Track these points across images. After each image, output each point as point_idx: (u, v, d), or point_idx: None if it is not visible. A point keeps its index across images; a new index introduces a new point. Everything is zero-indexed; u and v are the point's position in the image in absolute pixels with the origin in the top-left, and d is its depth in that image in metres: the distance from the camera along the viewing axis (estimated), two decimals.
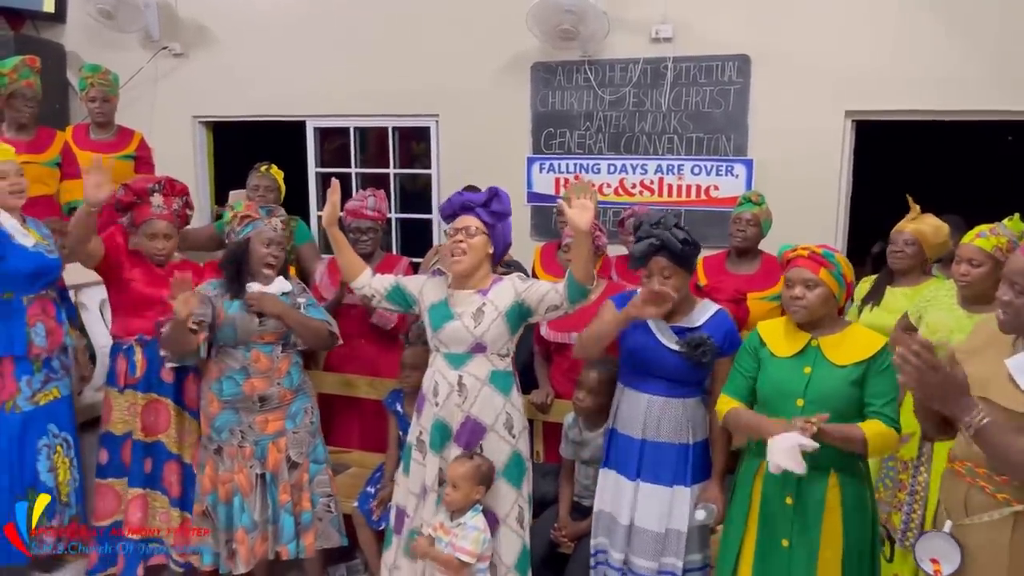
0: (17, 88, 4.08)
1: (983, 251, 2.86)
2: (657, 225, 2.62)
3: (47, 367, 3.34)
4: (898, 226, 3.38)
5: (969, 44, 4.10)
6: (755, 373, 2.51)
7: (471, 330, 2.72)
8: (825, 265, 2.42)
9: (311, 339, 3.17)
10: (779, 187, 4.22)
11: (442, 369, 2.78)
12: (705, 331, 2.67)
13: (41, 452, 3.31)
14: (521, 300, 2.74)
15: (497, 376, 2.76)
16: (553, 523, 3.11)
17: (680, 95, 4.62)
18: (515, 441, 2.80)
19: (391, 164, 5.41)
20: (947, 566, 1.96)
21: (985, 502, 1.90)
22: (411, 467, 2.88)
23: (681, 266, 2.64)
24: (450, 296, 2.81)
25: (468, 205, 2.76)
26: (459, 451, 2.76)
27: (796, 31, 4.38)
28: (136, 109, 5.36)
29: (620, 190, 4.79)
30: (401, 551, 2.91)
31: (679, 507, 2.69)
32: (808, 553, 2.40)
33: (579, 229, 2.50)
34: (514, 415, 2.81)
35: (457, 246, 2.72)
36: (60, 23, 5.81)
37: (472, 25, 4.94)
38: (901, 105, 4.27)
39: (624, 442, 2.77)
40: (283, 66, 5.34)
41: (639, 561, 2.72)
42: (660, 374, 2.70)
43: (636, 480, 2.74)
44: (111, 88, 4.51)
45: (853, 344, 2.41)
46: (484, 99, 4.99)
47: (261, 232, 3.09)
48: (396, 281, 2.92)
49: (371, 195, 3.78)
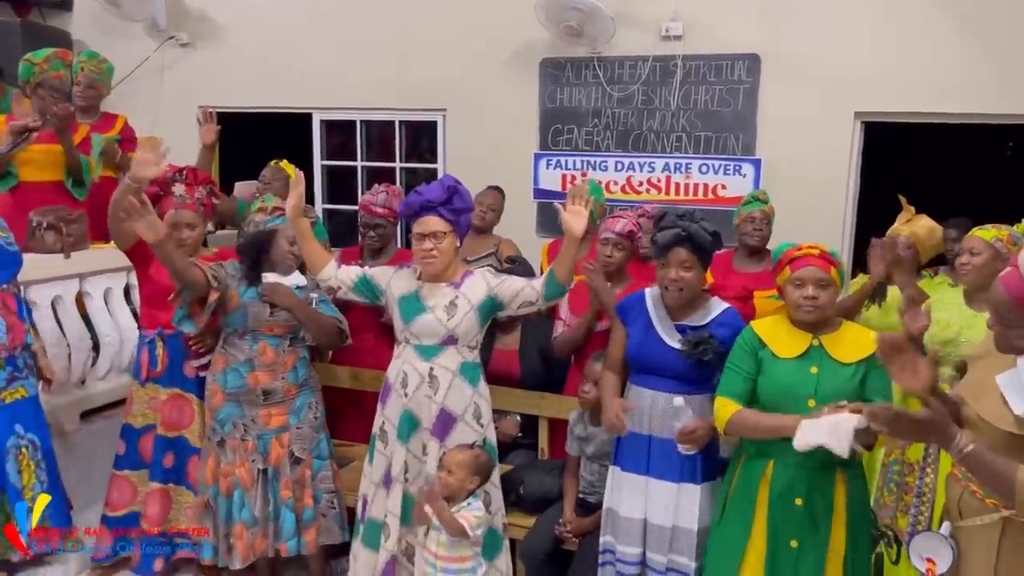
0: (45, 78, 4.06)
1: (983, 240, 2.91)
2: (684, 217, 2.62)
3: (11, 365, 3.19)
4: (893, 229, 3.35)
5: (979, 47, 4.09)
6: (755, 374, 2.48)
7: (444, 323, 2.77)
8: (835, 264, 2.43)
9: (320, 334, 3.16)
10: (787, 187, 4.22)
11: (412, 360, 2.81)
12: (712, 329, 2.65)
13: (9, 453, 3.19)
14: (494, 295, 2.81)
15: (466, 367, 2.83)
16: (558, 519, 3.10)
17: (689, 93, 4.61)
18: (483, 430, 2.87)
19: (397, 158, 5.40)
20: (941, 564, 1.98)
21: (976, 506, 1.92)
22: (374, 457, 2.93)
23: (701, 260, 2.63)
24: (420, 288, 2.84)
25: (429, 205, 2.76)
26: (433, 441, 2.79)
27: (806, 31, 4.37)
28: (142, 99, 5.35)
29: (627, 188, 4.78)
30: (362, 540, 2.96)
31: (687, 505, 2.67)
32: (816, 553, 2.40)
33: (572, 234, 2.61)
34: (482, 405, 2.88)
35: (428, 254, 2.75)
36: (67, 11, 5.80)
37: (481, 20, 4.93)
38: (910, 107, 4.27)
39: (632, 439, 2.76)
40: (290, 58, 5.33)
41: (654, 556, 2.72)
42: (664, 372, 2.68)
43: (646, 476, 2.73)
44: (100, 76, 4.46)
45: (853, 342, 2.41)
46: (492, 94, 4.98)
47: (288, 229, 3.05)
48: (363, 272, 2.94)
49: (383, 191, 3.77)
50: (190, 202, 3.29)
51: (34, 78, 4.06)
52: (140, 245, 3.16)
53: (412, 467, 2.85)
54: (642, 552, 2.74)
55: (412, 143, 5.56)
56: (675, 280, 2.62)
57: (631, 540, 2.75)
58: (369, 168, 5.48)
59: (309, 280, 3.20)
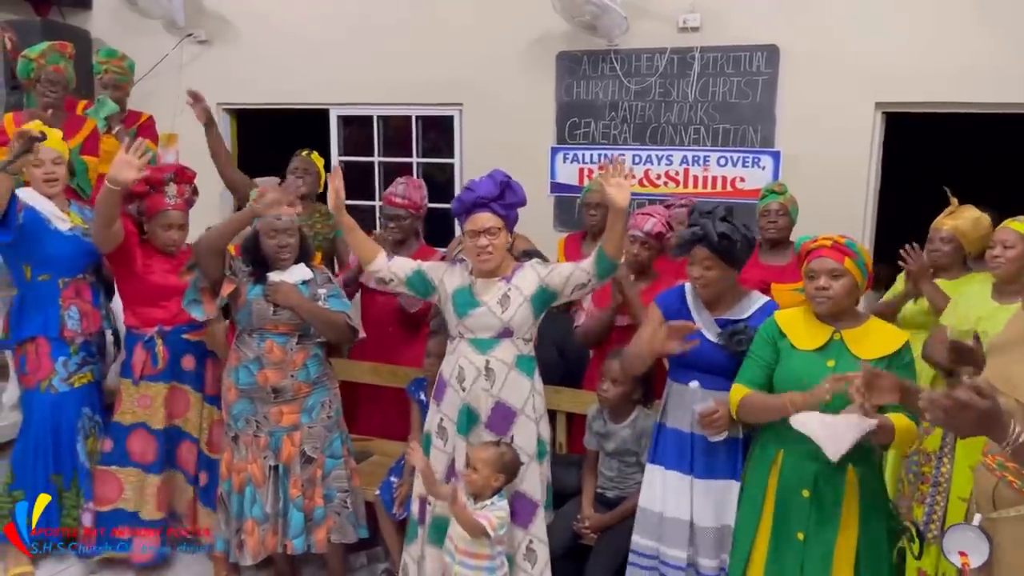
0: (44, 73, 4.10)
1: (1017, 233, 2.90)
2: (705, 215, 2.61)
3: (84, 350, 3.41)
4: (935, 222, 3.32)
5: (1001, 34, 4.01)
6: (773, 363, 2.47)
7: (498, 315, 2.76)
8: (849, 255, 2.39)
9: (328, 332, 3.14)
10: (806, 179, 4.18)
11: (468, 354, 2.79)
12: (753, 323, 2.63)
13: (79, 433, 3.38)
14: (545, 284, 2.80)
15: (522, 360, 2.81)
16: (576, 515, 3.09)
17: (707, 85, 4.57)
18: (537, 426, 2.84)
19: (414, 153, 5.40)
20: (976, 558, 1.94)
21: (1013, 497, 1.88)
22: (432, 454, 2.90)
23: (723, 258, 2.59)
24: (473, 284, 2.84)
25: (481, 201, 2.76)
26: (489, 436, 2.77)
27: (825, 22, 4.31)
28: (161, 96, 5.38)
29: (645, 181, 4.75)
30: (427, 540, 2.90)
31: (732, 502, 2.63)
32: (823, 547, 2.37)
33: (617, 206, 2.61)
34: (537, 400, 2.86)
35: (484, 250, 2.75)
36: (86, 9, 5.84)
37: (497, 13, 4.91)
38: (931, 97, 4.19)
39: (674, 436, 2.72)
40: (307, 54, 5.33)
41: (704, 561, 2.67)
42: (703, 367, 2.64)
43: (690, 475, 2.68)
44: (123, 76, 4.50)
45: (876, 338, 2.38)
46: (508, 88, 4.96)
47: (265, 223, 3.06)
48: (418, 267, 2.93)
49: (403, 183, 3.78)
50: (180, 202, 3.32)
51: (33, 74, 4.10)
52: (124, 246, 3.21)
53: None
54: (688, 556, 2.68)
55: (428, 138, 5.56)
56: (697, 278, 2.63)
57: (677, 543, 2.69)
58: (386, 164, 5.48)
59: (319, 275, 3.19)
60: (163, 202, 3.29)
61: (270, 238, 3.06)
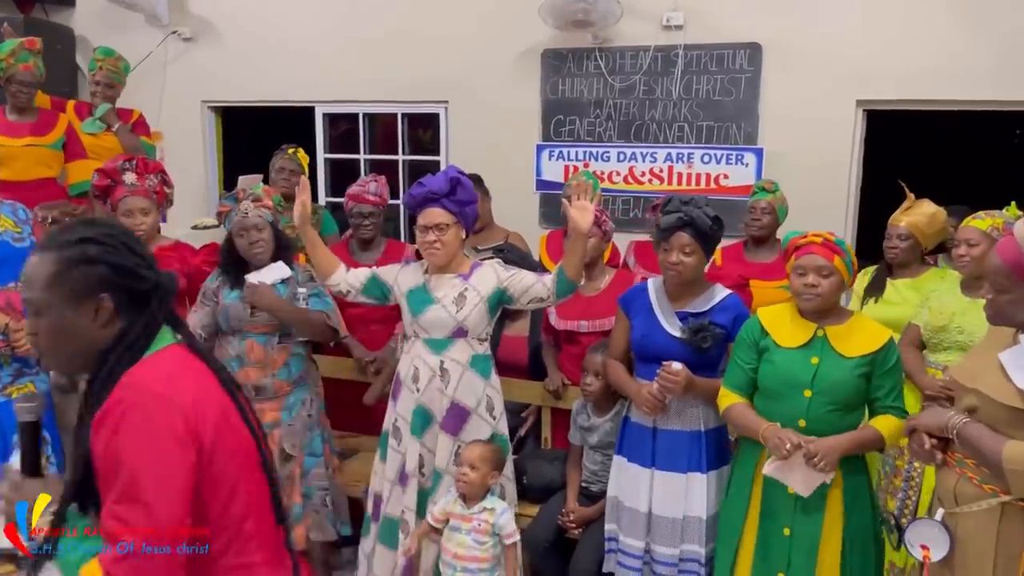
0: (15, 72, 4.05)
1: (979, 231, 2.91)
2: (688, 203, 2.64)
3: (18, 360, 3.06)
4: (892, 219, 3.33)
5: (982, 34, 4.06)
6: (755, 365, 2.49)
7: (453, 315, 2.76)
8: (839, 253, 2.41)
9: (307, 332, 3.13)
10: (789, 176, 4.20)
11: (422, 354, 2.80)
12: (713, 316, 2.67)
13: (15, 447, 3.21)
14: (504, 287, 2.80)
15: (477, 360, 2.82)
16: (560, 509, 3.11)
17: (691, 83, 4.60)
18: (495, 423, 2.86)
19: (400, 151, 5.40)
20: (937, 552, 2.00)
21: (973, 493, 1.93)
22: (387, 454, 2.91)
23: (703, 245, 2.64)
24: (428, 281, 2.83)
25: (432, 197, 2.75)
26: (444, 436, 2.79)
27: (807, 20, 4.34)
28: (145, 93, 5.35)
29: (629, 178, 4.77)
30: (378, 538, 2.93)
31: (696, 494, 2.68)
32: (809, 542, 2.41)
33: (579, 230, 2.60)
34: (494, 397, 2.88)
35: (432, 245, 2.75)
36: (69, 6, 5.80)
37: (482, 11, 4.91)
38: (912, 95, 4.24)
39: (637, 430, 2.77)
40: (292, 51, 5.32)
41: (660, 549, 2.72)
42: (666, 361, 2.68)
43: (651, 468, 2.73)
44: (118, 76, 4.48)
45: (860, 336, 2.41)
46: (494, 86, 4.97)
47: (234, 223, 3.05)
48: (372, 273, 2.93)
49: (372, 180, 3.80)
50: (140, 188, 3.26)
51: (4, 73, 4.04)
52: None
53: (427, 462, 2.84)
54: (646, 545, 2.74)
55: (413, 135, 5.57)
56: (675, 264, 2.64)
57: (635, 532, 2.76)
58: (372, 161, 5.49)
59: (300, 273, 3.17)
60: (122, 191, 3.22)
61: (240, 236, 3.05)
